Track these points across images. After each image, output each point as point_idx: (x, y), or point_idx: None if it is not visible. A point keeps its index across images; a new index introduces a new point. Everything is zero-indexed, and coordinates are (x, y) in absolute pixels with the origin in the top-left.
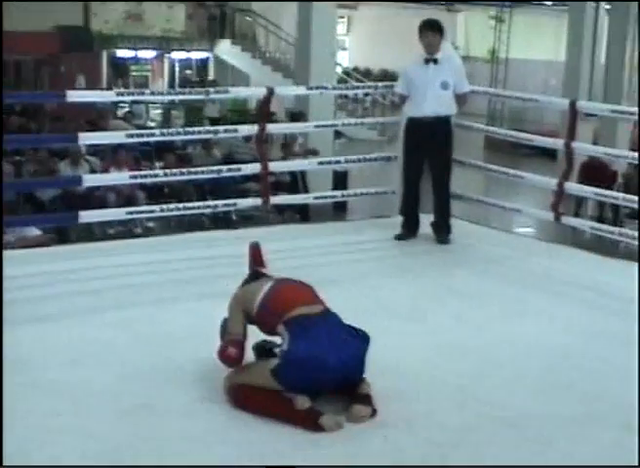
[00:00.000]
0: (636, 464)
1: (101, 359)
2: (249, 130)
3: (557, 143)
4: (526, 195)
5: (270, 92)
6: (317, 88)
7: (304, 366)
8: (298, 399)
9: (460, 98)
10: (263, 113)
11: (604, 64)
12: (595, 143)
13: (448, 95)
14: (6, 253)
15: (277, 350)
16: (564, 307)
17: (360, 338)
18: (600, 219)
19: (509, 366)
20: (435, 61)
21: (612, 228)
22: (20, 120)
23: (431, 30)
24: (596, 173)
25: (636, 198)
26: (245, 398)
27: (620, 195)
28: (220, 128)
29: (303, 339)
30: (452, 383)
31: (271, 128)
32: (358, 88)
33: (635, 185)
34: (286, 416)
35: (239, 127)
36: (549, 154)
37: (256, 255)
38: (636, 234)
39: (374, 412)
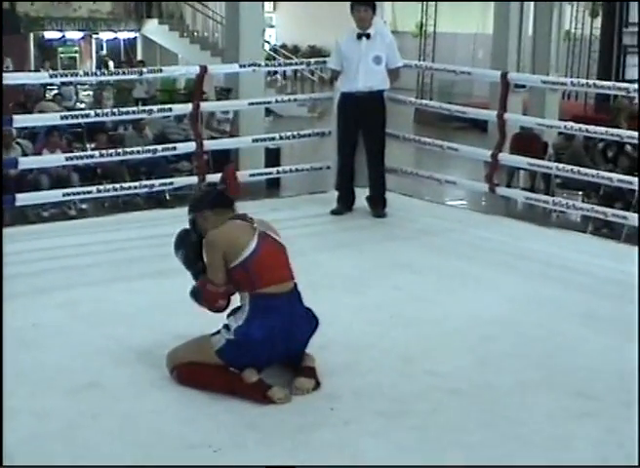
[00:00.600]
0: (636, 464)
1: (49, 340)
2: (183, 109)
3: (489, 115)
4: (457, 168)
5: (204, 70)
6: (250, 65)
7: (252, 348)
8: (245, 372)
9: (393, 73)
10: (197, 92)
11: (531, 36)
12: (525, 115)
13: (381, 69)
14: None
15: (230, 319)
16: (503, 277)
17: (311, 322)
18: (532, 190)
19: (453, 336)
20: (368, 36)
21: (546, 198)
22: None
23: (363, 5)
24: (527, 144)
25: (569, 167)
26: (191, 375)
27: (554, 165)
28: (155, 107)
29: (261, 322)
30: (397, 355)
31: (205, 106)
32: (291, 65)
33: (568, 156)
34: (234, 390)
35: (174, 106)
36: (480, 127)
37: (231, 180)
38: (570, 203)
39: (317, 385)
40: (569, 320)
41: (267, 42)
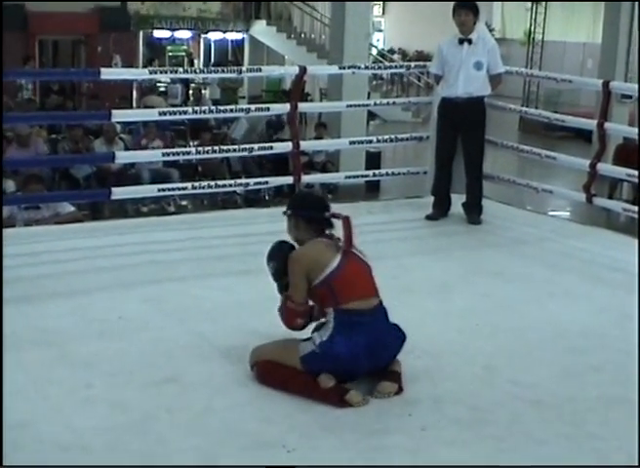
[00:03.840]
0: (636, 464)
1: (131, 333)
2: (281, 109)
3: (590, 124)
4: (560, 178)
5: (303, 70)
6: (349, 67)
7: (336, 363)
8: (321, 377)
9: (494, 79)
10: (296, 92)
11: None
12: (631, 126)
13: (481, 75)
14: (40, 229)
15: (314, 335)
16: (595, 289)
17: (398, 339)
18: (635, 203)
19: (539, 346)
20: (469, 42)
21: None
22: (58, 99)
23: (464, 9)
24: (632, 156)
25: None
26: (270, 374)
27: None
28: (253, 106)
29: (345, 338)
30: (480, 363)
31: (304, 107)
32: (391, 68)
33: None
34: (311, 393)
35: (272, 105)
36: (585, 137)
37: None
38: None
39: (400, 390)
40: None
41: (374, 46)
